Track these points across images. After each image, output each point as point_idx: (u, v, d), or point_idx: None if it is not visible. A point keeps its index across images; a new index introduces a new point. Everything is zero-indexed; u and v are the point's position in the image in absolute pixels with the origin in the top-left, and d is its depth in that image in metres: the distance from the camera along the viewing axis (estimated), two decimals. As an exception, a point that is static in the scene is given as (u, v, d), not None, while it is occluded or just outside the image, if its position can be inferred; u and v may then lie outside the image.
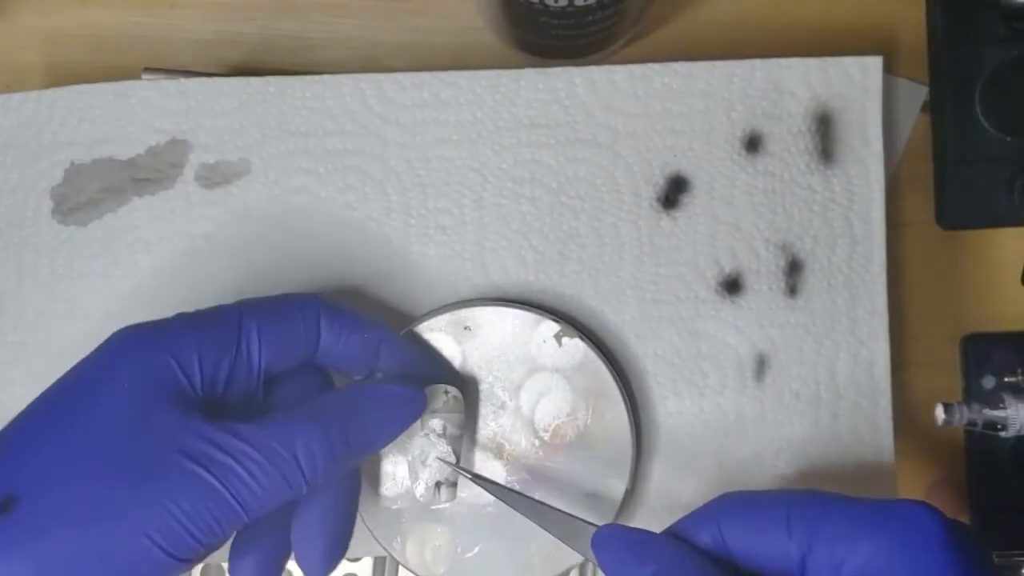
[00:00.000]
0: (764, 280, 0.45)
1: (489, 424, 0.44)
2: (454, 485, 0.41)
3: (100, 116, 0.46)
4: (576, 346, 0.44)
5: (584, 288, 0.45)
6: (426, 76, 0.46)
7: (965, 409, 0.43)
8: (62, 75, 0.47)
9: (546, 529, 0.38)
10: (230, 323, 0.38)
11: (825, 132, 0.46)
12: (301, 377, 0.40)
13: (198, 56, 0.49)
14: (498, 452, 0.44)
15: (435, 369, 0.43)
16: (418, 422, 0.42)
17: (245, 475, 0.34)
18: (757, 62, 0.45)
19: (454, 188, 0.46)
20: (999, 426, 0.43)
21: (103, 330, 0.45)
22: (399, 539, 0.44)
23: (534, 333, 0.44)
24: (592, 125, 0.45)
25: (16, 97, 0.47)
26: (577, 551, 0.38)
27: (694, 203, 0.45)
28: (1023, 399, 0.43)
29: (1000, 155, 0.47)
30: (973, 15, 0.47)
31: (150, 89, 0.45)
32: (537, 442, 0.44)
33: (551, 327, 0.44)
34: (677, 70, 0.45)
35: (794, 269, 0.45)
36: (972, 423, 0.43)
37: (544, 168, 0.45)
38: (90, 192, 0.46)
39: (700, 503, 0.44)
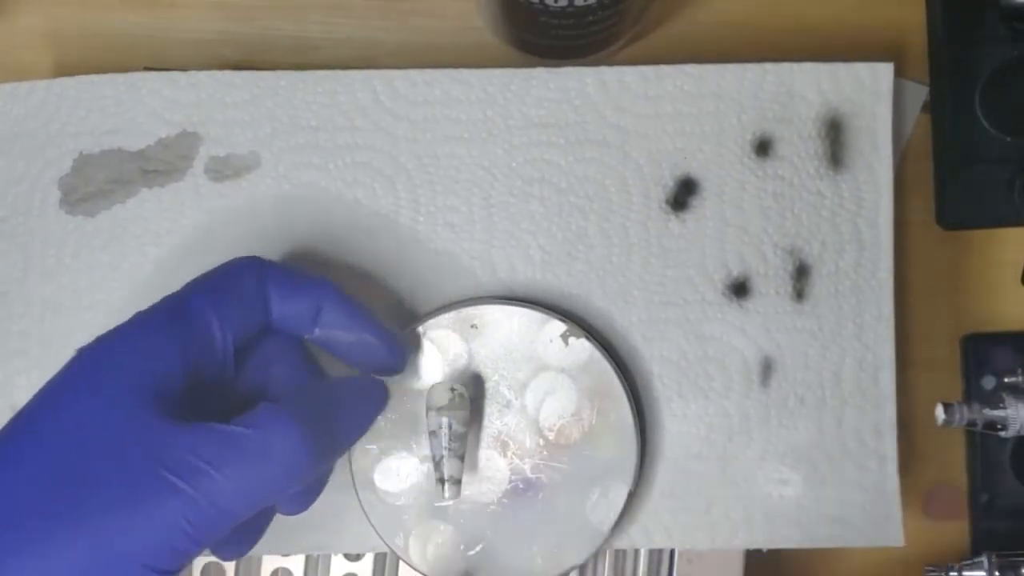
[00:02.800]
0: (771, 284, 0.45)
1: (494, 422, 0.44)
2: (458, 482, 0.41)
3: (110, 107, 0.46)
4: (582, 346, 0.44)
5: (591, 288, 0.45)
6: (437, 73, 0.46)
7: (965, 409, 0.43)
8: (62, 75, 0.47)
9: None
10: (184, 309, 0.37)
11: (835, 137, 0.46)
12: (266, 344, 0.40)
13: (198, 56, 0.49)
14: (502, 450, 0.44)
15: (379, 330, 0.41)
16: (424, 419, 0.42)
17: (226, 483, 0.33)
18: (769, 65, 0.45)
19: (463, 186, 0.45)
20: (999, 426, 0.43)
21: (109, 321, 0.45)
22: (402, 536, 0.44)
23: (540, 332, 0.44)
24: (602, 125, 0.45)
25: (24, 86, 0.46)
26: None
27: (703, 205, 0.45)
28: (1023, 399, 0.43)
29: (1000, 155, 0.47)
30: (973, 15, 0.47)
31: (161, 81, 0.45)
32: (541, 441, 0.44)
33: (558, 327, 0.44)
34: (688, 72, 0.45)
35: (802, 273, 0.45)
36: (972, 423, 0.43)
37: (553, 168, 0.45)
38: (99, 183, 0.46)
39: (703, 505, 0.44)
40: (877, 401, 0.45)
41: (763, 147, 0.45)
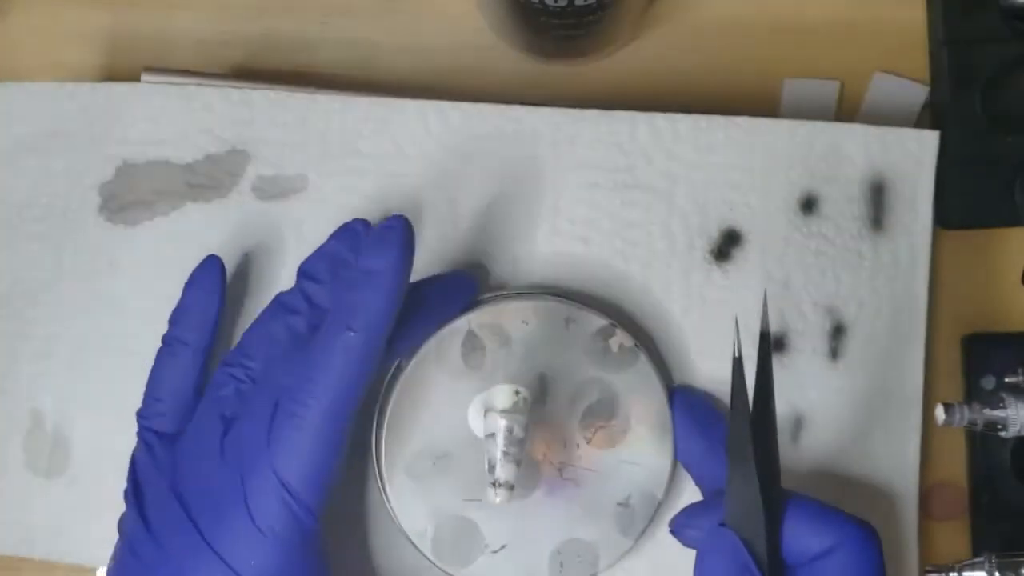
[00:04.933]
0: (808, 341, 0.45)
1: (533, 421, 0.42)
2: (512, 488, 0.40)
3: (160, 117, 0.45)
4: (627, 350, 0.43)
5: (629, 333, 0.45)
6: (488, 108, 0.46)
7: (965, 409, 0.43)
8: (62, 75, 0.47)
9: None
10: None
11: (878, 200, 0.46)
12: None
13: (198, 56, 0.49)
14: (538, 451, 0.43)
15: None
16: (483, 422, 0.42)
17: None
18: (820, 124, 0.45)
19: (508, 221, 0.45)
20: (999, 426, 0.43)
21: (143, 330, 0.45)
22: (427, 530, 0.43)
23: (585, 334, 0.43)
24: (651, 172, 0.45)
25: (67, 87, 0.46)
26: None
27: (746, 259, 0.45)
28: (1023, 399, 0.43)
29: (1000, 155, 0.47)
30: (973, 14, 0.47)
31: (213, 95, 0.45)
32: (578, 444, 0.43)
33: (604, 328, 0.43)
34: (741, 124, 0.45)
35: (838, 332, 0.45)
36: (972, 423, 0.43)
37: (599, 210, 0.45)
38: (141, 192, 0.45)
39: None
40: (903, 469, 0.45)
41: (809, 205, 0.46)
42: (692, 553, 0.39)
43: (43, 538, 0.45)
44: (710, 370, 0.45)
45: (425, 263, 0.45)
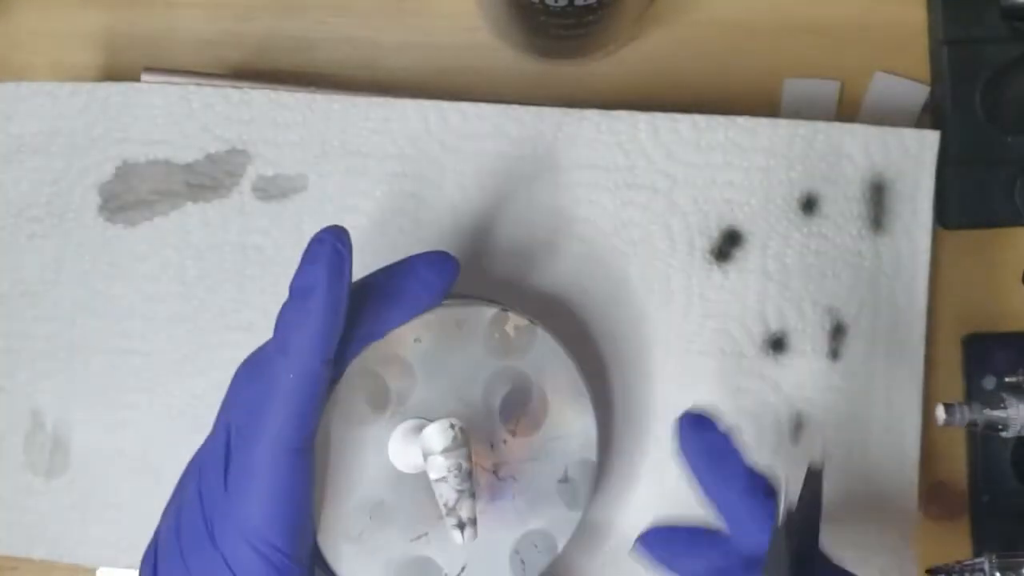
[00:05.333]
0: (808, 341, 0.45)
1: None
2: (475, 522, 0.37)
3: (159, 117, 0.45)
4: (524, 330, 0.41)
5: (630, 333, 0.45)
6: (489, 108, 0.46)
7: (966, 409, 0.42)
8: (62, 75, 0.47)
9: None
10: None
11: (878, 200, 0.46)
12: None
13: (198, 56, 0.49)
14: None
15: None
16: (428, 468, 0.38)
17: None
18: (820, 125, 0.45)
19: (507, 220, 0.45)
20: (1000, 426, 0.42)
21: (144, 330, 0.45)
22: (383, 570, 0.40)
23: (479, 329, 0.40)
24: (651, 171, 0.45)
25: (67, 87, 0.46)
26: None
27: (747, 258, 0.45)
28: (1023, 399, 0.43)
29: (1000, 155, 0.48)
30: (974, 14, 0.48)
31: (213, 95, 0.45)
32: (504, 440, 0.41)
33: (495, 316, 0.40)
34: (742, 124, 0.45)
35: (838, 332, 0.45)
36: (973, 423, 0.42)
37: (599, 209, 0.45)
38: (141, 193, 0.45)
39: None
40: (901, 466, 0.45)
41: (809, 205, 0.46)
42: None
43: (43, 538, 0.45)
44: (708, 369, 0.45)
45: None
